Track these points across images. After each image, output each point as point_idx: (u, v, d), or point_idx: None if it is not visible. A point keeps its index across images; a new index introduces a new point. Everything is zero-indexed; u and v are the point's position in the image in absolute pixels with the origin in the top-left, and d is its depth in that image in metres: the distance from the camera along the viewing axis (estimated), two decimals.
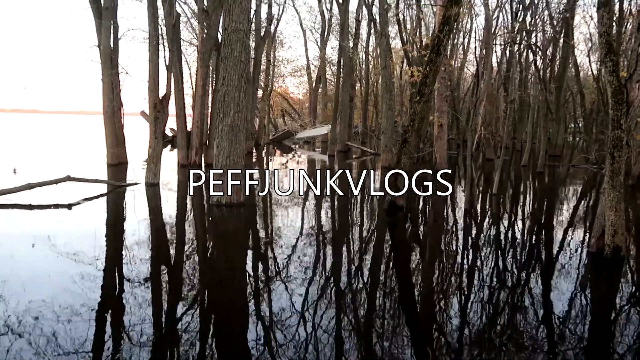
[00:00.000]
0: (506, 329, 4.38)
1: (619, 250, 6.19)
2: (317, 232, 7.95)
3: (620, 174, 6.29)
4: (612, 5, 6.81)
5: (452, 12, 8.76)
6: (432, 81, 9.08)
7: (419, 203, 11.39)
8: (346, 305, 4.82)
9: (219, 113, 9.38)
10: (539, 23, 24.25)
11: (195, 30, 24.73)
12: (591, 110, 33.05)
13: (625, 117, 6.40)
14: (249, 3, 10.19)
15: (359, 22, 28.91)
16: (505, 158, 18.57)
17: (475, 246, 7.44)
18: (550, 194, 13.47)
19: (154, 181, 11.61)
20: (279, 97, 44.84)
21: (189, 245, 7.08)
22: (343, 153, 24.42)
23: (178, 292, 5.06)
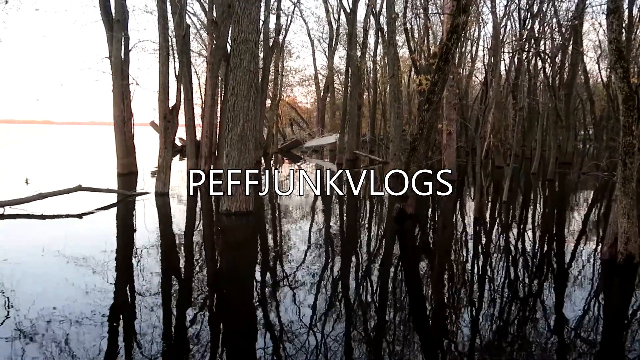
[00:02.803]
0: (518, 339, 4.33)
1: (632, 258, 6.12)
2: (326, 241, 7.94)
3: (632, 181, 6.24)
4: (621, 11, 6.79)
5: (460, 21, 8.78)
6: (440, 89, 9.09)
7: (428, 211, 11.35)
8: (356, 316, 4.80)
9: (228, 122, 9.44)
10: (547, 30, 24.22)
11: (205, 41, 25.02)
12: (601, 117, 32.85)
13: (637, 123, 6.35)
14: (258, 14, 10.29)
15: (367, 31, 29.03)
16: (514, 166, 18.46)
17: (486, 255, 7.38)
18: (561, 202, 13.36)
19: (163, 190, 11.68)
20: (287, 106, 45.03)
21: (199, 254, 7.11)
22: (351, 162, 24.43)
23: (187, 301, 5.06)
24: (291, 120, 45.94)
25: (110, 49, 15.39)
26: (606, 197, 13.78)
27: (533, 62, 26.84)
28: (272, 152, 29.31)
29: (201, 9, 22.83)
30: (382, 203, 12.43)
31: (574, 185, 16.93)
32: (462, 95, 25.62)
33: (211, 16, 17.16)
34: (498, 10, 25.05)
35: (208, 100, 17.13)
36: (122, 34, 15.44)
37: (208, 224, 9.47)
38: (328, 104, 39.36)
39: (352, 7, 24.89)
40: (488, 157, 23.02)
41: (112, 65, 15.41)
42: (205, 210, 10.81)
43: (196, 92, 35.00)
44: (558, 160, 21.46)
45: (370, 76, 37.34)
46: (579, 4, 20.97)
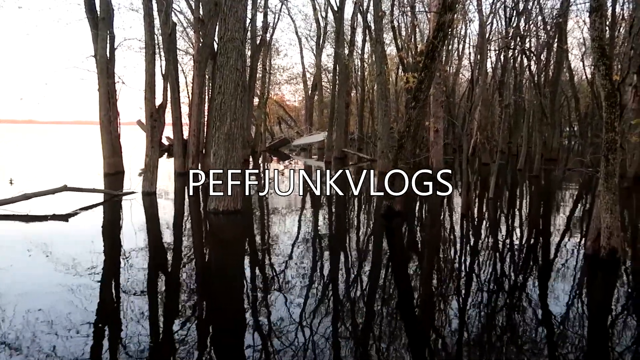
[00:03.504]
0: (505, 333, 4.39)
1: (615, 252, 6.22)
2: (314, 239, 7.96)
3: (615, 176, 6.33)
4: (604, 10, 6.89)
5: (446, 19, 8.84)
6: (427, 87, 9.15)
7: (415, 208, 11.42)
8: (344, 313, 4.82)
9: (216, 121, 9.41)
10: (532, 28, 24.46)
11: (191, 39, 24.84)
12: (586, 113, 33.26)
13: (619, 120, 6.45)
14: (245, 12, 10.26)
15: (354, 29, 29.08)
16: (501, 162, 18.61)
17: (472, 250, 7.46)
18: (547, 198, 13.52)
19: (150, 190, 11.61)
20: (275, 104, 44.93)
21: (186, 254, 7.08)
22: (339, 160, 24.47)
23: (175, 301, 5.05)
24: (279, 118, 45.87)
25: (95, 47, 15.24)
26: (590, 193, 13.98)
27: (519, 59, 27.08)
28: (260, 150, 29.25)
29: (187, 7, 22.70)
30: (371, 201, 12.47)
31: (559, 181, 17.14)
32: (449, 93, 25.77)
33: (197, 14, 17.06)
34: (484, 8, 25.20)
35: (195, 99, 17.03)
36: (108, 32, 15.29)
37: (196, 223, 9.44)
38: (316, 102, 39.34)
39: (340, 5, 24.91)
40: (475, 154, 23.20)
41: (97, 64, 15.25)
42: (193, 210, 10.76)
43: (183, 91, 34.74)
44: (543, 156, 21.69)
45: (358, 74, 37.39)
46: (564, 2, 21.22)
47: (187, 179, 15.36)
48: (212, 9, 15.33)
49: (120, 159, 16.24)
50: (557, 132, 28.31)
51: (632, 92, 7.10)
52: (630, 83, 6.92)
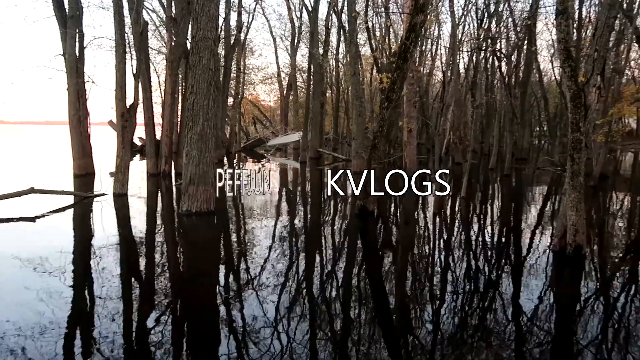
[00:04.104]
0: (477, 329, 4.48)
1: (581, 249, 6.40)
2: (288, 239, 7.95)
3: (580, 175, 6.51)
4: (569, 13, 7.07)
5: (418, 20, 8.94)
6: (399, 87, 9.24)
7: (389, 207, 11.52)
8: (319, 312, 4.83)
9: (188, 121, 9.30)
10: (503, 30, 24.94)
11: (164, 38, 24.50)
12: (555, 114, 34.05)
13: (584, 120, 6.64)
14: (217, 11, 10.18)
15: (329, 29, 29.12)
16: (473, 162, 18.93)
17: (444, 248, 7.57)
18: (517, 196, 13.82)
19: (122, 191, 11.41)
20: (250, 104, 44.68)
21: (159, 256, 6.98)
22: (315, 160, 24.49)
23: (148, 305, 4.97)
24: (254, 118, 45.63)
25: (64, 45, 14.87)
26: (559, 191, 14.34)
27: (490, 60, 27.57)
28: (235, 150, 29.03)
29: (160, 5, 22.35)
30: (346, 201, 12.52)
31: (529, 180, 17.53)
32: (422, 94, 26.09)
33: (170, 13, 16.82)
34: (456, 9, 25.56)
35: (168, 99, 16.79)
36: (77, 30, 14.95)
37: (168, 225, 9.31)
38: (291, 102, 39.27)
39: (314, 5, 24.92)
40: (448, 154, 23.54)
41: (66, 63, 14.89)
42: (165, 211, 10.61)
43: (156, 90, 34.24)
44: (514, 156, 22.17)
45: (333, 74, 37.48)
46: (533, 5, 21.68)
47: (159, 180, 15.15)
48: (185, 7, 15.14)
49: (90, 160, 15.89)
50: (527, 132, 28.97)
51: (597, 94, 7.30)
52: (594, 84, 7.10)
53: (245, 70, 34.04)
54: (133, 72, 11.83)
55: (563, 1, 6.79)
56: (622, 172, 22.09)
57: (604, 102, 15.37)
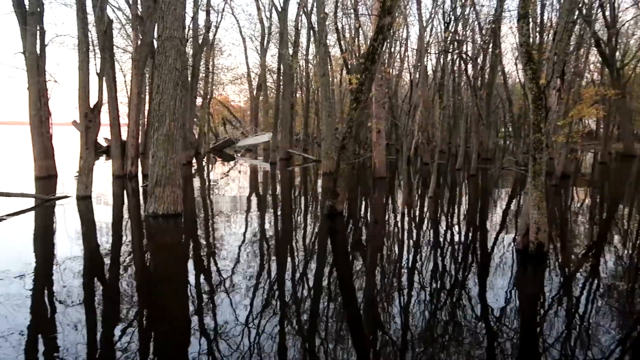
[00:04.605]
0: (443, 326, 4.54)
1: (542, 246, 6.60)
2: (257, 240, 7.90)
3: (541, 175, 6.71)
4: (529, 17, 7.27)
5: (385, 22, 9.04)
6: (367, 88, 9.32)
7: (358, 207, 11.60)
8: (289, 312, 4.82)
9: (154, 122, 9.14)
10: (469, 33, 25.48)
11: (130, 36, 24.01)
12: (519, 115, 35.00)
13: (545, 121, 6.85)
14: (183, 10, 10.03)
15: (299, 30, 29.15)
16: (440, 162, 19.30)
17: (412, 247, 7.67)
18: (483, 196, 14.12)
19: (85, 194, 11.11)
20: (220, 105, 44.28)
21: (124, 260, 6.82)
22: (285, 160, 24.45)
23: (114, 310, 4.85)
24: (224, 119, 45.25)
25: (24, 43, 14.39)
26: (523, 190, 14.72)
27: (457, 63, 28.13)
28: (204, 151, 28.70)
29: (126, 3, 21.90)
30: (316, 200, 12.55)
31: (495, 180, 17.95)
32: (391, 95, 26.38)
33: (136, 11, 16.49)
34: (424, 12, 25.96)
35: (134, 99, 16.46)
36: (38, 27, 14.50)
37: (134, 227, 9.10)
38: (261, 102, 39.10)
39: (283, 6, 24.89)
40: (417, 155, 23.88)
41: (26, 61, 14.41)
42: (131, 214, 10.38)
43: (122, 90, 33.62)
44: (480, 156, 22.67)
45: (303, 75, 37.53)
46: (497, 9, 22.24)
47: (126, 182, 14.83)
48: (151, 5, 14.88)
49: (52, 162, 15.42)
50: (492, 133, 29.67)
51: (557, 96, 7.55)
52: (554, 87, 7.34)
53: (214, 70, 33.72)
54: (97, 71, 11.54)
55: (524, 6, 6.98)
56: (583, 171, 22.88)
57: (565, 103, 15.88)
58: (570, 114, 14.55)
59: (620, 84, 25.80)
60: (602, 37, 26.12)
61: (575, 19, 15.20)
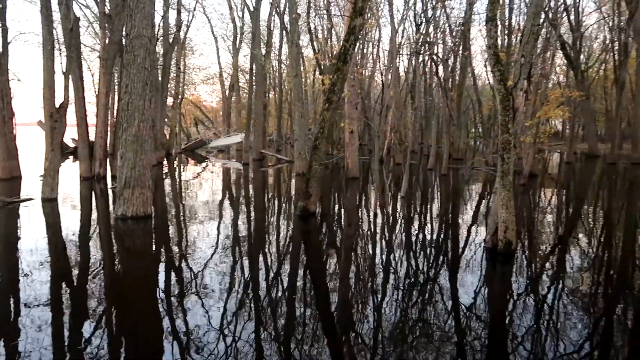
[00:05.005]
0: (416, 324, 4.58)
1: (510, 244, 6.73)
2: (229, 242, 7.81)
3: (509, 174, 6.85)
4: (497, 20, 7.41)
5: (357, 23, 9.08)
6: (340, 89, 9.34)
7: (331, 207, 11.61)
8: (262, 315, 4.78)
9: (123, 122, 8.95)
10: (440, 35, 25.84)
11: (99, 34, 23.47)
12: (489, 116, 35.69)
13: (512, 122, 6.99)
14: (152, 8, 9.86)
15: (271, 30, 29.03)
16: (412, 162, 19.51)
17: (384, 247, 7.71)
18: (455, 195, 14.33)
19: (51, 196, 10.80)
20: (191, 105, 43.75)
21: (92, 264, 6.64)
22: (258, 161, 24.30)
23: (82, 315, 4.71)
24: (196, 119, 44.72)
25: None
26: (493, 190, 15.01)
27: (428, 64, 28.51)
28: (176, 152, 28.27)
29: (93, 0, 21.41)
30: (290, 201, 12.51)
31: (466, 180, 18.24)
32: (364, 96, 26.54)
33: (103, 9, 16.14)
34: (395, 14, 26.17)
35: (102, 98, 16.09)
36: (0, 24, 14.02)
37: (102, 230, 8.88)
38: (234, 102, 38.79)
39: (256, 6, 24.74)
40: (390, 155, 24.09)
41: None
42: (99, 216, 10.14)
43: (91, 89, 32.88)
44: (451, 156, 23.01)
45: (276, 75, 37.40)
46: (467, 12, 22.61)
47: (94, 183, 14.48)
48: (120, 3, 14.57)
49: (16, 163, 14.95)
50: (463, 133, 30.16)
51: (524, 97, 7.71)
52: (521, 88, 7.50)
53: (186, 69, 33.29)
54: (62, 70, 11.23)
55: (492, 9, 7.11)
56: (550, 170, 23.49)
57: (533, 105, 16.28)
58: (538, 114, 14.92)
59: (585, 86, 26.59)
60: (568, 40, 26.87)
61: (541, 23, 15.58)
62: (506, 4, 23.61)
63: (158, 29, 22.27)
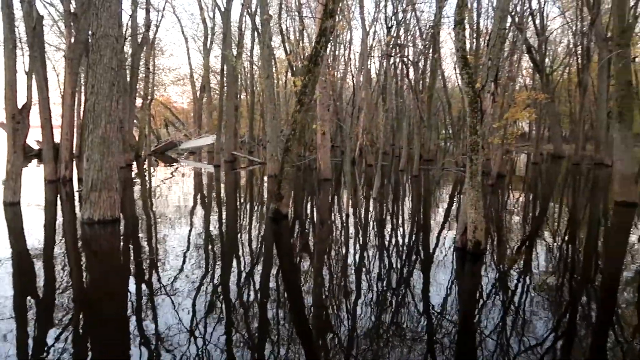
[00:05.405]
0: (389, 324, 4.60)
1: (480, 244, 6.85)
2: (200, 245, 7.70)
3: (478, 175, 6.97)
4: (465, 24, 7.54)
5: (328, 25, 9.10)
6: (311, 91, 9.33)
7: (303, 209, 11.59)
8: (235, 317, 4.72)
9: (89, 124, 8.72)
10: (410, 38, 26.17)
11: (64, 33, 22.84)
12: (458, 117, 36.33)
13: (480, 123, 7.11)
14: (119, 7, 9.66)
15: (242, 31, 28.83)
16: (384, 164, 19.66)
17: (357, 248, 7.74)
18: (425, 196, 14.51)
19: (13, 200, 10.44)
20: (161, 106, 43.04)
21: (57, 269, 6.43)
22: (230, 163, 24.09)
23: (47, 323, 4.55)
24: (166, 120, 44.03)
25: None
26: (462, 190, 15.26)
27: (400, 66, 28.82)
28: (145, 154, 27.74)
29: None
30: (262, 203, 12.43)
31: (436, 180, 18.50)
32: (336, 97, 26.63)
33: (68, 7, 15.71)
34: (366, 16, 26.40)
35: (67, 99, 15.64)
36: None
37: (68, 234, 8.62)
38: (205, 104, 38.33)
39: (227, 6, 24.54)
40: (361, 156, 24.22)
41: None
42: (65, 220, 9.84)
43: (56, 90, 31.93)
44: (422, 157, 23.30)
45: (248, 76, 37.17)
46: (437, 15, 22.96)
47: (59, 187, 14.07)
48: (86, 1, 14.20)
49: None
50: (434, 135, 30.61)
51: (491, 99, 7.87)
52: (489, 90, 7.65)
53: (155, 70, 32.75)
54: (25, 70, 10.88)
55: (460, 12, 7.23)
56: (517, 171, 24.06)
57: (500, 107, 16.64)
58: (505, 116, 15.25)
59: (550, 88, 27.35)
60: (533, 44, 27.60)
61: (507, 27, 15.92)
62: (474, 8, 24.11)
63: (126, 28, 21.82)
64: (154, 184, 16.32)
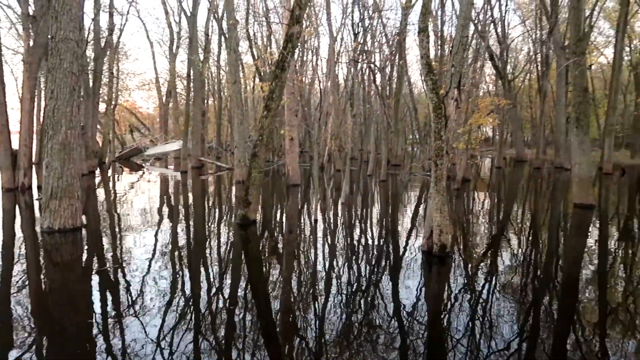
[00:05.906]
0: (358, 327, 4.61)
1: (445, 248, 6.97)
2: (166, 253, 7.55)
3: (442, 180, 7.10)
4: (429, 31, 7.69)
5: (294, 30, 9.12)
6: (278, 96, 9.32)
7: (271, 215, 11.54)
8: (203, 326, 4.64)
9: (48, 130, 8.45)
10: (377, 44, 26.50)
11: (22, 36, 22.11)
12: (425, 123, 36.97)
13: (445, 129, 7.26)
14: (80, 10, 9.42)
15: (209, 36, 28.59)
16: (352, 169, 19.81)
17: (325, 253, 7.74)
18: (393, 200, 14.67)
19: None
20: (126, 111, 42.17)
21: (15, 281, 6.18)
22: (197, 169, 23.78)
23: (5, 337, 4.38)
24: (131, 126, 43.14)
25: None
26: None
27: (367, 72, 29.13)
28: (110, 160, 27.08)
29: (16, 0, 20.14)
30: (230, 210, 12.30)
31: (404, 185, 18.74)
32: (304, 103, 26.66)
33: (27, 9, 15.21)
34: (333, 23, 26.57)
35: (26, 104, 15.11)
36: None
37: (27, 244, 8.30)
38: (171, 109, 37.76)
39: (193, 11, 24.25)
40: (330, 161, 24.33)
41: None
42: (23, 230, 9.48)
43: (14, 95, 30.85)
44: (390, 162, 23.58)
45: (215, 81, 36.85)
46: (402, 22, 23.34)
47: (17, 195, 13.56)
48: (45, 4, 13.80)
49: None
50: (401, 140, 31.06)
51: (454, 105, 8.04)
52: (452, 96, 7.82)
53: (120, 75, 32.08)
54: None
55: (424, 20, 7.38)
56: (482, 175, 24.63)
57: (465, 112, 17.02)
58: (469, 122, 15.61)
59: (512, 94, 28.20)
60: (496, 51, 28.41)
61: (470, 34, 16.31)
62: (438, 16, 24.62)
63: (88, 32, 21.31)
64: (118, 191, 15.93)
